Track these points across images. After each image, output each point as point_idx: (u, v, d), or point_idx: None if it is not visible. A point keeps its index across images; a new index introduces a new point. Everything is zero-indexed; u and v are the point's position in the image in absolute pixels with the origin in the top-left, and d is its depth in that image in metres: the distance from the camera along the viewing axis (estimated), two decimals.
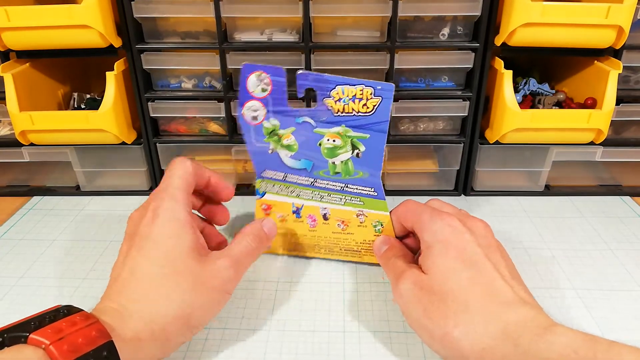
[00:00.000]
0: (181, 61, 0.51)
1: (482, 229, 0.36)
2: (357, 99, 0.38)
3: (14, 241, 0.50)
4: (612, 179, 0.59)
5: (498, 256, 0.34)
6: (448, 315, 0.31)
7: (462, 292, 0.31)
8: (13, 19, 0.46)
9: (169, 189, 0.36)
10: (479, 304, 0.30)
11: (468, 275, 0.32)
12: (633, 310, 0.39)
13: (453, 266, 0.32)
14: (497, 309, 0.30)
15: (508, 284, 0.31)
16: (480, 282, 0.31)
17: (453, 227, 0.34)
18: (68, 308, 0.29)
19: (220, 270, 0.34)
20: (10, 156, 0.56)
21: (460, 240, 0.34)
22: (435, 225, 0.35)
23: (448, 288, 0.32)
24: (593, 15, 0.45)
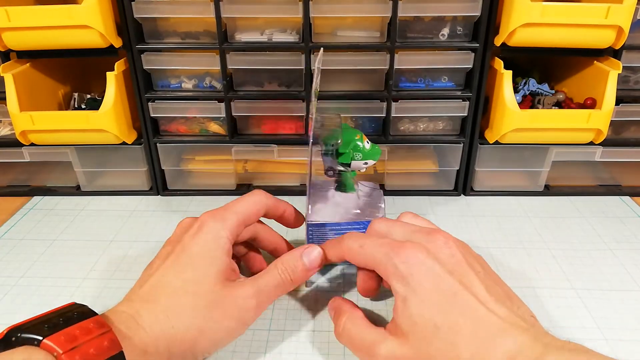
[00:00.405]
0: (181, 61, 0.51)
1: (444, 246, 0.32)
2: None
3: (14, 241, 0.50)
4: (611, 179, 0.59)
5: (469, 273, 0.31)
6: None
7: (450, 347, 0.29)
8: (13, 19, 0.46)
9: (227, 212, 0.36)
10: (468, 354, 0.28)
11: (450, 323, 0.29)
12: (633, 310, 0.40)
13: (433, 321, 0.29)
14: (487, 347, 0.28)
15: (488, 308, 0.29)
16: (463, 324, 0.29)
17: (420, 264, 0.31)
18: (82, 309, 0.29)
19: (240, 299, 0.33)
20: (11, 156, 0.56)
21: (431, 279, 0.30)
22: (401, 268, 0.31)
23: (434, 349, 0.29)
24: (593, 16, 0.45)
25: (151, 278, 0.33)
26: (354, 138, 0.41)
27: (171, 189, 0.59)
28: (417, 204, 0.56)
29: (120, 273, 0.44)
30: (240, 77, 0.53)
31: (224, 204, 0.43)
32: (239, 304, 0.33)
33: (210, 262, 0.33)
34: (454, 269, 0.31)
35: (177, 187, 0.59)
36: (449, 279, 0.30)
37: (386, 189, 0.59)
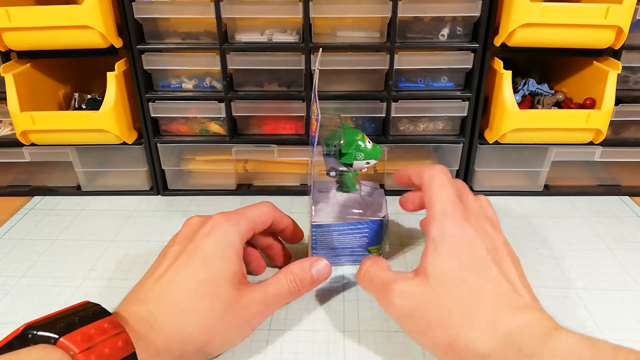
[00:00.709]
0: (182, 61, 0.51)
1: (491, 230, 0.35)
2: None
3: (15, 241, 0.50)
4: (611, 179, 0.59)
5: (505, 258, 0.33)
6: (451, 324, 0.30)
7: (467, 299, 0.31)
8: (14, 19, 0.46)
9: (240, 217, 0.37)
10: (483, 311, 0.30)
11: (474, 282, 0.31)
12: (632, 309, 0.40)
13: (459, 274, 0.31)
14: (502, 314, 0.30)
15: (514, 287, 0.31)
16: (486, 288, 0.31)
17: (464, 232, 0.33)
18: (96, 308, 0.29)
19: (251, 304, 0.34)
20: (11, 156, 0.56)
21: (469, 245, 0.33)
22: (447, 224, 0.33)
23: (453, 295, 0.31)
24: (592, 16, 0.45)
25: (163, 277, 0.33)
26: (355, 138, 0.41)
27: (171, 189, 0.59)
28: None
29: (120, 273, 0.44)
30: (240, 78, 0.53)
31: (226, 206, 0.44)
32: (250, 309, 0.34)
33: (224, 264, 0.34)
34: (492, 249, 0.33)
35: (178, 187, 0.59)
36: (485, 252, 0.32)
37: (386, 189, 0.58)
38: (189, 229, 0.37)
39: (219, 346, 0.34)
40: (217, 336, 0.32)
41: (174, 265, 0.33)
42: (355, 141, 0.41)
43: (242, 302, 0.33)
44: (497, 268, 0.32)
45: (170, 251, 0.35)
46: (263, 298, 0.34)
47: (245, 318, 0.34)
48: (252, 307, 0.34)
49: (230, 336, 0.34)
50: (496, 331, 0.29)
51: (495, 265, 0.32)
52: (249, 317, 0.34)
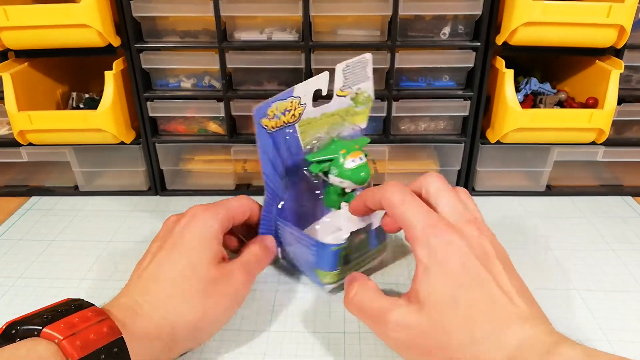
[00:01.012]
0: (180, 60, 0.51)
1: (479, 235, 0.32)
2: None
3: (12, 241, 0.49)
4: (613, 179, 0.58)
5: (496, 262, 0.32)
6: (451, 347, 0.29)
7: (463, 320, 0.29)
8: (11, 18, 0.46)
9: (218, 207, 0.38)
10: (482, 332, 0.29)
11: (469, 299, 0.29)
12: (635, 310, 0.39)
13: (452, 294, 0.30)
14: (501, 332, 0.28)
15: (510, 299, 0.30)
16: (481, 304, 0.29)
17: (449, 244, 0.31)
18: (79, 302, 0.30)
19: (233, 277, 0.35)
20: (9, 156, 0.56)
21: (458, 257, 0.30)
22: (431, 240, 0.31)
23: (449, 317, 0.29)
24: (594, 15, 0.45)
25: (145, 272, 0.34)
26: (337, 151, 0.38)
27: (170, 189, 0.59)
28: None
29: (118, 274, 0.44)
30: (239, 76, 0.53)
31: None
32: (234, 283, 0.35)
33: (203, 248, 0.35)
34: (482, 256, 0.31)
35: (176, 187, 0.59)
36: (476, 262, 0.30)
37: None
38: (167, 226, 0.38)
39: (209, 326, 0.34)
40: (206, 315, 0.33)
41: (156, 259, 0.34)
42: (337, 155, 0.38)
43: (225, 275, 0.35)
44: (491, 278, 0.30)
45: (151, 248, 0.36)
46: (242, 269, 0.36)
47: (230, 293, 0.35)
48: (234, 277, 0.35)
49: (218, 312, 0.34)
50: (500, 353, 0.28)
51: (488, 275, 0.30)
52: (234, 291, 0.35)
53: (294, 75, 0.52)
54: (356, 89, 0.41)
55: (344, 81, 0.40)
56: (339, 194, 0.40)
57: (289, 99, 0.38)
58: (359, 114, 0.43)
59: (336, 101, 0.41)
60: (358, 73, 0.41)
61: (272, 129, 0.38)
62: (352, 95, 0.41)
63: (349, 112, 0.42)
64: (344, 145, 0.39)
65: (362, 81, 0.41)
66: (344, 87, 0.41)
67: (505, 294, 0.30)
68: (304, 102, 0.39)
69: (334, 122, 0.42)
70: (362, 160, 0.38)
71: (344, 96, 0.41)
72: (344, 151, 0.38)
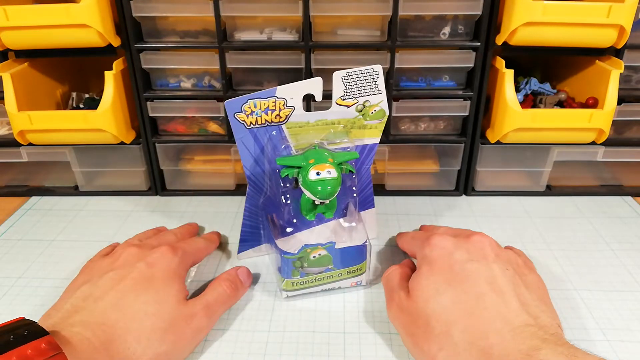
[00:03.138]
0: (180, 60, 0.51)
1: (479, 243, 0.36)
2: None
3: (12, 241, 0.49)
4: (613, 179, 0.58)
5: (494, 267, 0.33)
6: (432, 339, 0.31)
7: (445, 314, 0.31)
8: (12, 18, 0.46)
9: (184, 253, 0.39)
10: (461, 326, 0.30)
11: (451, 295, 0.32)
12: (634, 310, 0.39)
13: (435, 287, 0.33)
14: (481, 328, 0.29)
15: (501, 297, 0.31)
16: (464, 301, 0.31)
17: (442, 248, 0.35)
18: (32, 327, 0.28)
19: (194, 316, 0.35)
20: (9, 156, 0.56)
21: (448, 259, 0.34)
22: (426, 249, 0.36)
23: (430, 310, 0.32)
24: (594, 15, 0.45)
25: (104, 299, 0.33)
26: (307, 160, 0.37)
27: (170, 189, 0.59)
28: (418, 204, 0.56)
29: None
30: (239, 76, 0.53)
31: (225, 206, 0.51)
32: (192, 325, 0.34)
33: (167, 287, 0.35)
34: (477, 259, 0.34)
35: (176, 187, 0.59)
36: (466, 264, 0.33)
37: (387, 189, 0.58)
38: (131, 256, 0.37)
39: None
40: (162, 354, 0.32)
41: (117, 288, 0.33)
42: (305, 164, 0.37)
43: (185, 315, 0.34)
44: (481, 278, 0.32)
45: (111, 275, 0.35)
46: (204, 308, 0.36)
47: (188, 334, 0.34)
48: (195, 318, 0.35)
49: (176, 352, 0.33)
50: (475, 348, 0.29)
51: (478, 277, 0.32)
52: (192, 332, 0.34)
53: (294, 75, 0.52)
54: (363, 101, 0.41)
55: (346, 90, 0.40)
56: (312, 203, 0.39)
57: (271, 98, 0.38)
58: (369, 128, 0.42)
59: (336, 110, 0.40)
60: (365, 84, 0.40)
61: (250, 125, 0.39)
62: (359, 107, 0.41)
63: (356, 124, 0.42)
64: (316, 155, 0.38)
65: (370, 93, 0.40)
66: (346, 97, 0.40)
67: (496, 294, 0.31)
68: (291, 104, 0.39)
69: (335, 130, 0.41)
70: (330, 174, 0.36)
71: (347, 106, 0.40)
72: (312, 161, 0.37)
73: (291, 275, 0.39)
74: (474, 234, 0.37)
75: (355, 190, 0.41)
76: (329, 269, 0.39)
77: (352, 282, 0.41)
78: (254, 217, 0.44)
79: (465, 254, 0.34)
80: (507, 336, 0.28)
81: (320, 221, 0.40)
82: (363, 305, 0.40)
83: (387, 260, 0.46)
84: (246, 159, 0.41)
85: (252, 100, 0.38)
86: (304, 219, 0.40)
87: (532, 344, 0.27)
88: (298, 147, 0.40)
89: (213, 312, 0.36)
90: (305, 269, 0.39)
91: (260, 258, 0.46)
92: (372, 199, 0.47)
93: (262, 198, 0.43)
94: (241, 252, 0.45)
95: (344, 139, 0.41)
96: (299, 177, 0.38)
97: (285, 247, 0.38)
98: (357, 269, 0.40)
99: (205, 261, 0.46)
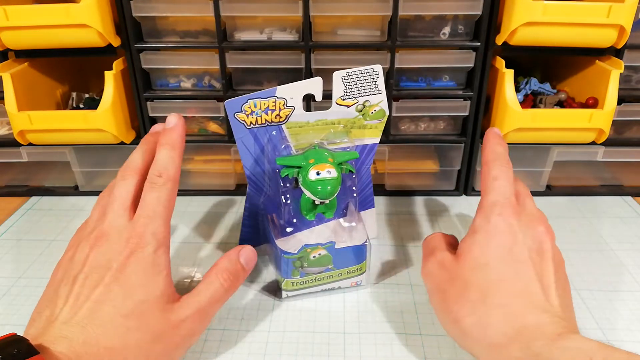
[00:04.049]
0: (180, 60, 0.51)
1: (543, 235, 0.34)
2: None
3: (12, 241, 0.49)
4: (613, 179, 0.58)
5: (548, 265, 0.32)
6: (465, 303, 0.31)
7: (489, 286, 0.31)
8: (11, 18, 0.46)
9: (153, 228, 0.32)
10: (501, 301, 0.30)
11: (501, 272, 0.31)
12: (635, 310, 0.39)
13: (487, 259, 0.32)
14: (520, 310, 0.29)
15: (544, 290, 0.31)
16: (511, 283, 0.31)
17: (509, 225, 0.33)
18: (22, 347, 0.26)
19: (184, 324, 0.31)
20: (9, 156, 0.56)
21: (510, 239, 0.32)
22: (495, 213, 0.33)
23: (475, 278, 0.31)
24: (594, 15, 0.45)
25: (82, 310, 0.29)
26: (307, 159, 0.37)
27: None
28: (418, 204, 0.56)
29: None
30: (239, 76, 0.53)
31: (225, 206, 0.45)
32: (183, 329, 0.31)
33: (150, 289, 0.31)
34: (536, 250, 0.33)
35: None
36: (525, 251, 0.32)
37: (387, 189, 0.58)
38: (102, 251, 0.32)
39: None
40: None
41: (92, 298, 0.29)
42: (305, 164, 0.37)
43: (173, 323, 0.31)
44: (532, 269, 0.31)
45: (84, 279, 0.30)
46: (197, 309, 0.32)
47: (178, 339, 0.31)
48: (185, 324, 0.31)
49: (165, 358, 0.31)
50: (507, 325, 0.29)
51: (532, 266, 0.32)
52: (181, 339, 0.31)
53: (294, 75, 0.52)
54: (363, 101, 0.41)
55: (346, 90, 0.40)
56: (312, 203, 0.39)
57: (271, 98, 0.38)
58: (369, 128, 0.42)
59: (336, 110, 0.40)
60: (365, 84, 0.40)
61: (250, 125, 0.39)
62: (359, 107, 0.41)
63: (356, 124, 0.42)
64: (315, 155, 0.38)
65: (370, 93, 0.40)
66: (346, 97, 0.40)
67: (542, 288, 0.31)
68: (291, 104, 0.39)
69: (335, 130, 0.41)
70: (330, 174, 0.36)
71: (347, 106, 0.40)
72: (312, 160, 0.37)
73: (291, 275, 0.39)
74: (541, 224, 0.34)
75: (355, 190, 0.41)
76: (329, 269, 0.39)
77: (352, 282, 0.41)
78: (254, 217, 0.44)
79: (528, 242, 0.33)
80: (543, 321, 0.29)
81: (320, 221, 0.40)
82: (363, 305, 0.40)
83: (387, 260, 0.46)
84: (246, 159, 0.41)
85: (252, 100, 0.38)
86: (304, 219, 0.40)
87: (565, 330, 0.28)
88: (298, 147, 0.40)
89: (205, 314, 0.33)
90: (305, 269, 0.39)
91: (260, 258, 0.46)
92: (372, 199, 0.47)
93: (262, 198, 0.43)
94: None
95: (344, 139, 0.41)
96: (299, 177, 0.38)
97: (285, 247, 0.38)
98: (357, 269, 0.40)
99: (206, 262, 0.46)
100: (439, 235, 0.38)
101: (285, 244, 0.38)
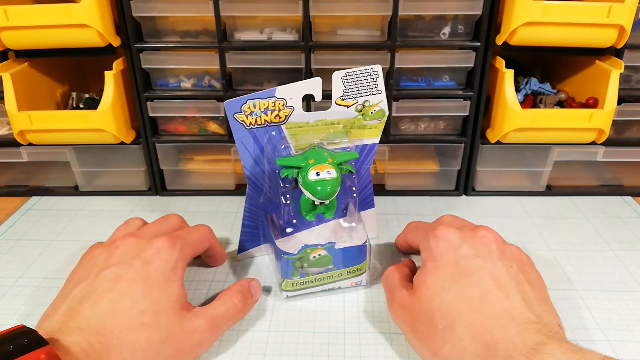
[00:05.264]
0: (180, 60, 0.51)
1: (485, 238, 0.35)
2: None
3: (12, 241, 0.49)
4: (613, 179, 0.58)
5: (499, 265, 0.33)
6: (436, 334, 0.30)
7: (449, 309, 0.31)
8: (12, 18, 0.46)
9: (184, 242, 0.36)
10: (466, 321, 0.30)
11: (456, 291, 0.31)
12: (634, 310, 0.39)
13: (441, 284, 0.32)
14: (485, 324, 0.29)
15: (503, 292, 0.31)
16: (469, 297, 0.31)
17: (447, 241, 0.35)
18: (32, 338, 0.27)
19: (196, 333, 0.33)
20: (9, 156, 0.56)
21: (453, 254, 0.34)
22: (431, 241, 0.35)
23: (435, 306, 0.31)
24: (594, 15, 0.45)
25: (101, 303, 0.31)
26: (306, 160, 0.37)
27: (170, 189, 0.59)
28: (418, 204, 0.56)
29: None
30: (239, 76, 0.53)
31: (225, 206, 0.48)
32: (195, 338, 0.33)
33: (167, 291, 0.33)
34: (483, 255, 0.33)
35: (176, 187, 0.59)
36: (472, 260, 0.33)
37: (387, 189, 0.58)
38: (127, 249, 0.35)
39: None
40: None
41: (114, 290, 0.31)
42: (305, 164, 0.37)
43: (186, 329, 0.32)
44: (487, 274, 0.32)
45: (107, 273, 0.33)
46: (209, 325, 0.33)
47: (187, 348, 0.32)
48: (197, 333, 0.33)
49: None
50: (479, 342, 0.29)
51: (485, 272, 0.32)
52: (192, 346, 0.33)
53: (294, 75, 0.52)
54: (363, 101, 0.40)
55: (345, 90, 0.40)
56: (312, 204, 0.39)
57: (270, 99, 0.38)
58: (369, 128, 0.42)
59: (335, 110, 0.40)
60: (364, 84, 0.40)
61: (250, 125, 0.39)
62: (359, 107, 0.41)
63: (355, 124, 0.42)
64: (315, 155, 0.38)
65: (370, 93, 0.40)
66: (346, 97, 0.40)
67: (501, 290, 0.31)
68: (290, 104, 0.39)
69: (335, 130, 0.41)
70: (330, 175, 0.36)
71: (346, 106, 0.40)
72: (312, 161, 0.37)
73: (291, 276, 0.39)
74: (480, 229, 0.36)
75: (355, 190, 0.41)
76: (329, 269, 0.39)
77: (352, 282, 0.41)
78: (254, 217, 0.44)
79: (471, 249, 0.34)
80: (512, 331, 0.28)
81: (320, 221, 0.40)
82: (363, 305, 0.40)
83: (387, 260, 0.46)
84: (246, 159, 0.41)
85: (252, 101, 0.38)
86: (303, 219, 0.40)
87: (537, 339, 0.27)
88: (298, 147, 0.40)
89: (218, 327, 0.34)
90: (305, 269, 0.39)
91: (260, 258, 0.46)
92: (372, 199, 0.47)
93: (262, 198, 0.43)
94: (241, 252, 0.45)
95: (343, 139, 0.41)
96: (299, 178, 0.38)
97: (285, 247, 0.38)
98: (357, 269, 0.40)
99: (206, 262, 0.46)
100: (392, 271, 0.38)
101: (285, 245, 0.38)
